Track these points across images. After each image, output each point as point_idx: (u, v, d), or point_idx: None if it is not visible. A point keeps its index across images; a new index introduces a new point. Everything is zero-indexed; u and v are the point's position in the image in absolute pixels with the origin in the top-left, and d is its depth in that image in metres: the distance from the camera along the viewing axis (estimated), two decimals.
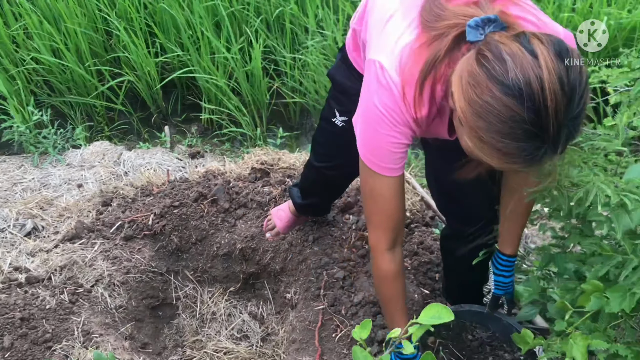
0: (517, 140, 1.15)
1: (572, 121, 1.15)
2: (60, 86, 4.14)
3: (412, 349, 0.90)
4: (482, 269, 2.19)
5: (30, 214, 3.08)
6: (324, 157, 2.29)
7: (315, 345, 2.39)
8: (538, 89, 1.09)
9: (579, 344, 1.43)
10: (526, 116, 1.11)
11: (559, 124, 1.13)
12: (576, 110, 1.14)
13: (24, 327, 2.30)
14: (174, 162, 3.64)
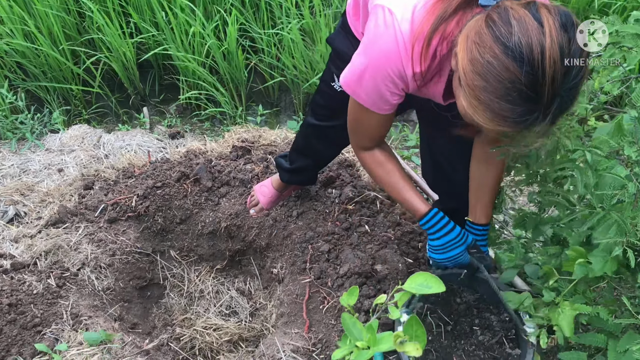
0: (512, 102, 1.20)
1: (567, 92, 1.20)
2: (35, 70, 4.08)
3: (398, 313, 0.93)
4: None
5: (12, 200, 3.06)
6: (324, 117, 2.28)
7: (304, 318, 2.43)
8: (538, 55, 1.13)
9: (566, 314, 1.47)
10: (523, 79, 1.16)
11: (554, 91, 1.17)
12: (573, 81, 1.19)
13: (12, 312, 2.30)
14: (154, 143, 3.63)
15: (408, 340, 0.78)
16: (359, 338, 0.88)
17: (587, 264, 1.55)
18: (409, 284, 0.95)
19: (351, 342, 0.89)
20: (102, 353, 2.21)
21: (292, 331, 2.39)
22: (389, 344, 0.85)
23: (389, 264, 2.48)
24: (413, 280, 0.96)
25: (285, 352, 2.26)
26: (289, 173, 2.64)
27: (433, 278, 0.96)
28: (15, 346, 2.18)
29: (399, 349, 0.79)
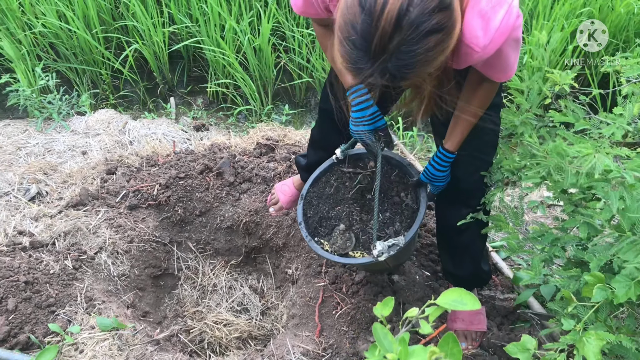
0: (350, 45, 1.29)
1: (399, 54, 1.26)
2: (67, 52, 4.11)
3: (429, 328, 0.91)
4: (472, 236, 2.17)
5: (35, 178, 3.07)
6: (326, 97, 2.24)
7: (315, 322, 2.41)
8: (379, 7, 1.21)
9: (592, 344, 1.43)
10: (359, 26, 1.24)
11: (382, 46, 1.24)
12: (405, 45, 1.24)
13: (28, 290, 2.31)
14: (179, 134, 3.63)
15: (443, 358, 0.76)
16: (390, 350, 0.86)
17: (607, 289, 1.52)
18: (443, 300, 0.94)
19: (380, 353, 0.88)
20: (113, 339, 2.21)
21: (302, 334, 2.37)
22: (421, 358, 0.83)
23: (407, 275, 2.46)
24: (447, 295, 0.94)
25: (295, 354, 2.25)
26: (306, 170, 2.63)
27: (468, 295, 0.95)
28: (29, 324, 2.19)
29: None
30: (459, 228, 2.06)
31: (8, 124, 3.65)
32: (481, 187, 2.04)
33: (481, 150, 1.97)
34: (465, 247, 2.23)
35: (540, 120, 1.91)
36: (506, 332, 2.34)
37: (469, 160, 1.99)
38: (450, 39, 1.31)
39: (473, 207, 2.06)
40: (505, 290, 2.56)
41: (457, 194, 2.09)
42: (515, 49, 1.58)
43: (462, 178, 2.03)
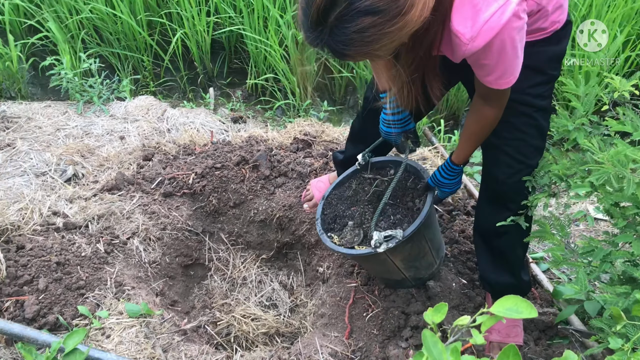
0: (300, 12, 1.34)
1: (335, 29, 1.28)
2: (111, 37, 4.13)
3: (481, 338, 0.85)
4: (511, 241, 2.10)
5: (72, 160, 3.08)
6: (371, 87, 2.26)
7: (345, 323, 2.35)
8: None
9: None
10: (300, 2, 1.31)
11: (320, 19, 1.28)
12: (340, 21, 1.26)
13: (59, 271, 2.30)
14: (216, 124, 3.61)
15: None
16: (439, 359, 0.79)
17: None
18: (497, 308, 0.87)
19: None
20: (140, 326, 2.19)
21: (331, 334, 2.32)
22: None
23: (442, 281, 2.38)
24: (501, 303, 0.87)
25: (322, 354, 2.19)
26: (342, 166, 2.57)
27: (524, 302, 0.88)
28: (58, 305, 2.18)
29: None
30: (497, 231, 2.02)
31: (49, 105, 3.67)
32: (522, 190, 1.97)
33: (525, 154, 1.91)
34: (504, 252, 2.16)
35: (595, 127, 1.82)
36: (543, 348, 2.24)
37: (511, 163, 1.93)
38: (391, 24, 1.28)
39: (513, 211, 1.99)
40: (544, 304, 2.46)
41: (497, 196, 2.04)
42: (513, 52, 1.52)
43: (502, 180, 1.97)
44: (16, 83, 3.99)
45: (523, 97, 1.82)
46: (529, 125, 1.85)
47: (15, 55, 3.84)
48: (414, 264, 2.19)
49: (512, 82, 1.61)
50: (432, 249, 2.22)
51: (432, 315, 0.84)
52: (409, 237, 1.99)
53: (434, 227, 2.22)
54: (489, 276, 2.23)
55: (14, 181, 2.86)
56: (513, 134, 1.88)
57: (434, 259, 2.28)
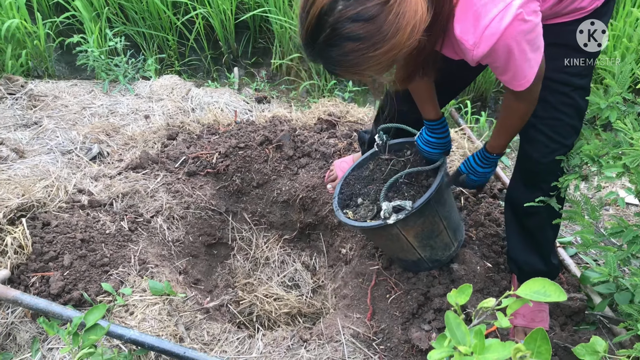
0: (298, 24, 1.37)
1: (323, 51, 1.33)
2: (136, 15, 4.13)
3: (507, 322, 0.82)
4: (541, 222, 2.07)
5: (97, 139, 3.09)
6: None
7: (367, 304, 2.33)
8: (308, 3, 1.29)
9: None
10: (300, 13, 1.34)
11: (310, 39, 1.32)
12: (327, 44, 1.31)
13: (84, 248, 2.32)
14: (241, 104, 3.59)
15: (530, 356, 0.67)
16: (462, 342, 0.77)
17: None
18: (524, 291, 0.84)
19: (450, 344, 0.79)
20: (163, 304, 2.20)
21: (353, 315, 2.30)
22: (498, 354, 0.74)
23: (467, 264, 2.35)
24: (529, 286, 0.84)
25: (344, 335, 2.18)
26: (367, 146, 2.53)
27: (552, 285, 0.84)
28: (83, 282, 2.20)
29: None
30: (528, 210, 1.98)
31: (75, 84, 3.69)
32: (556, 171, 1.93)
33: (561, 134, 1.87)
34: (534, 233, 2.12)
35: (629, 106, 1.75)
36: (569, 333, 2.20)
37: (547, 142, 1.89)
38: (374, 49, 1.30)
39: (546, 191, 1.96)
40: (571, 289, 2.41)
41: (531, 175, 2.00)
42: (522, 56, 1.49)
43: (537, 159, 1.93)
44: (43, 62, 4.02)
45: (560, 76, 1.78)
46: (566, 105, 1.81)
47: (42, 33, 3.87)
48: (428, 242, 2.17)
49: (525, 85, 1.58)
50: (448, 229, 2.19)
51: (456, 296, 0.81)
52: (419, 210, 1.98)
53: (448, 205, 2.19)
54: (518, 256, 2.20)
55: (41, 159, 2.88)
56: (550, 113, 1.84)
57: (451, 241, 2.25)
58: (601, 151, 1.73)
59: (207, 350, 2.11)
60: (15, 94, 3.43)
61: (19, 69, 3.80)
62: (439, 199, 2.05)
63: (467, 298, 0.80)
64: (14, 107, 3.34)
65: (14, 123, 3.20)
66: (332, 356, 2.11)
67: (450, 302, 0.81)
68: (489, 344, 0.76)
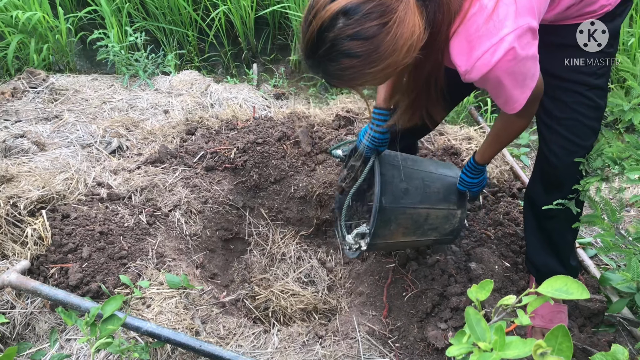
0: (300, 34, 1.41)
1: (323, 65, 1.38)
2: (156, 11, 4.15)
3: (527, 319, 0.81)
4: (560, 225, 2.05)
5: (117, 133, 3.12)
6: None
7: (383, 302, 2.33)
8: (312, 14, 1.33)
9: None
10: (302, 26, 1.39)
11: (311, 51, 1.37)
12: (326, 58, 1.36)
13: (102, 241, 2.33)
14: (259, 100, 3.60)
15: (551, 353, 0.66)
16: (482, 338, 0.76)
17: None
18: (545, 289, 0.83)
19: (470, 340, 0.78)
20: (180, 297, 2.21)
21: (369, 313, 2.30)
22: (519, 351, 0.73)
23: (485, 263, 2.33)
24: (550, 284, 0.83)
25: (360, 332, 2.18)
26: None
27: (574, 283, 0.83)
28: (101, 274, 2.21)
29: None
30: (546, 213, 1.97)
31: (96, 78, 3.72)
32: (574, 174, 1.90)
33: (578, 135, 1.85)
34: (552, 235, 2.10)
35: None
36: (588, 335, 2.18)
37: (564, 144, 1.88)
38: (370, 67, 1.36)
39: (565, 194, 1.93)
40: (590, 290, 2.38)
41: (549, 177, 1.98)
42: (513, 84, 1.52)
43: (554, 162, 1.92)
44: (65, 56, 4.06)
45: (576, 76, 1.77)
46: (583, 105, 1.80)
47: (64, 28, 3.90)
48: (423, 229, 2.16)
49: (517, 109, 1.60)
50: (433, 207, 2.15)
51: (477, 292, 0.80)
52: (381, 221, 2.00)
53: (412, 190, 2.12)
54: (536, 258, 2.18)
55: (61, 152, 2.91)
56: (566, 114, 1.82)
57: (447, 210, 2.19)
58: (624, 154, 1.71)
59: (223, 344, 2.11)
60: (37, 88, 3.46)
61: (40, 63, 3.84)
62: (393, 199, 2.04)
63: (488, 294, 0.79)
64: (36, 100, 3.38)
65: (35, 116, 3.23)
66: (347, 353, 2.11)
67: (470, 297, 0.80)
68: (510, 341, 0.75)
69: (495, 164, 3.05)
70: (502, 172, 2.99)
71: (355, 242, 2.04)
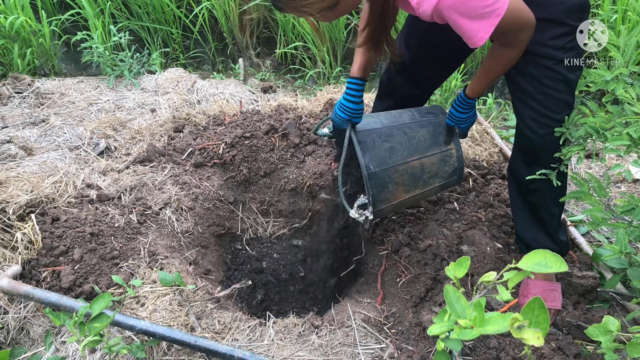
0: None
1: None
2: (139, 10, 4.12)
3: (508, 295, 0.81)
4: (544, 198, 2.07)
5: (104, 134, 3.10)
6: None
7: (377, 289, 2.33)
8: None
9: None
10: None
11: None
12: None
13: (94, 242, 2.33)
14: (246, 95, 3.59)
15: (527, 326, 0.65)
16: (462, 315, 0.76)
17: None
18: (525, 263, 0.83)
19: (451, 318, 0.78)
20: (174, 294, 2.21)
21: (364, 300, 2.30)
22: (498, 326, 0.73)
23: (477, 246, 2.33)
24: (530, 258, 0.83)
25: (355, 320, 2.18)
26: None
27: (553, 257, 0.83)
28: (93, 275, 2.21)
29: (516, 335, 0.67)
30: (530, 187, 2.01)
31: (81, 81, 3.70)
32: (553, 146, 1.92)
33: (550, 109, 1.87)
34: (538, 210, 2.12)
35: (635, 78, 1.73)
36: (582, 312, 2.18)
37: (536, 117, 1.90)
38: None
39: (545, 167, 1.96)
40: (583, 267, 2.39)
41: (528, 152, 2.00)
42: (468, 17, 1.56)
43: (530, 135, 1.94)
44: (49, 60, 4.03)
45: (544, 50, 1.79)
46: (552, 79, 1.82)
47: (47, 31, 3.88)
48: (423, 179, 2.16)
49: (480, 43, 1.62)
50: (425, 155, 2.14)
51: (455, 269, 0.80)
52: (378, 186, 2.00)
53: (398, 147, 2.10)
54: (525, 234, 2.19)
55: (49, 155, 2.90)
56: (538, 88, 1.85)
57: (440, 153, 2.19)
58: (607, 124, 1.71)
59: (219, 339, 2.11)
60: (23, 93, 3.44)
61: (25, 68, 3.82)
62: (380, 162, 2.03)
63: (465, 271, 0.79)
64: (22, 105, 3.36)
65: (22, 121, 3.21)
66: (344, 341, 2.11)
67: (448, 275, 0.80)
68: (489, 317, 0.75)
69: (484, 146, 3.05)
70: (492, 154, 2.99)
71: (360, 215, 2.02)
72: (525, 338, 0.67)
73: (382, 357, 2.03)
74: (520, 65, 1.85)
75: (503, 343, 1.97)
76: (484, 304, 0.77)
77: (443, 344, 0.81)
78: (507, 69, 1.87)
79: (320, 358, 2.02)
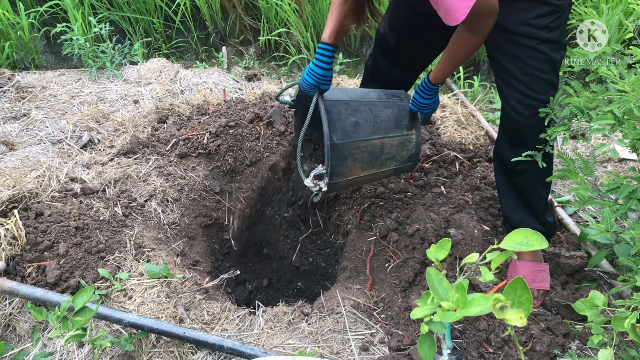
0: None
1: None
2: (119, 0, 4.07)
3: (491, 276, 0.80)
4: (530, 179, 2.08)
5: (87, 126, 3.07)
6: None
7: (366, 275, 2.32)
8: None
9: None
10: None
11: None
12: None
13: (79, 236, 2.30)
14: (230, 83, 3.55)
15: (510, 306, 0.65)
16: (445, 298, 0.75)
17: None
18: (507, 242, 0.82)
19: (434, 301, 0.77)
20: (161, 286, 2.19)
21: (353, 286, 2.29)
22: (480, 307, 0.72)
23: (464, 229, 2.33)
24: (511, 238, 0.82)
25: (345, 307, 2.17)
26: None
27: (534, 235, 0.82)
28: (79, 269, 2.18)
29: (499, 315, 0.66)
30: (515, 169, 2.01)
31: (63, 74, 3.65)
32: (536, 126, 1.92)
33: (534, 89, 1.86)
34: (524, 191, 2.12)
35: (618, 56, 1.72)
36: (571, 292, 2.19)
37: (521, 99, 1.89)
38: None
39: (530, 149, 1.96)
40: (571, 247, 2.39)
41: (513, 133, 2.00)
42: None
43: (514, 117, 1.93)
44: (29, 53, 3.98)
45: (527, 29, 1.78)
46: (536, 59, 1.81)
47: (26, 24, 3.82)
48: (381, 159, 2.14)
49: (458, 20, 1.58)
50: (386, 137, 2.12)
51: (436, 251, 0.79)
52: (337, 159, 1.97)
53: (362, 123, 2.08)
54: (512, 215, 2.19)
55: (31, 150, 2.86)
56: (521, 69, 1.84)
57: (401, 137, 2.17)
58: (592, 103, 1.70)
59: (208, 329, 2.10)
60: (2, 87, 3.39)
61: (5, 62, 3.77)
62: (343, 134, 2.00)
63: (447, 253, 0.78)
64: (2, 100, 3.31)
65: (2, 116, 3.17)
66: (334, 328, 2.10)
67: (430, 257, 0.79)
68: (472, 298, 0.74)
69: (471, 129, 3.04)
70: (478, 137, 2.98)
71: (315, 185, 1.99)
72: (507, 318, 0.66)
73: (372, 342, 2.02)
74: (504, 45, 1.84)
75: (492, 325, 1.97)
76: (467, 286, 0.76)
77: (427, 327, 0.80)
78: (470, 55, 1.86)
79: (310, 345, 2.02)
